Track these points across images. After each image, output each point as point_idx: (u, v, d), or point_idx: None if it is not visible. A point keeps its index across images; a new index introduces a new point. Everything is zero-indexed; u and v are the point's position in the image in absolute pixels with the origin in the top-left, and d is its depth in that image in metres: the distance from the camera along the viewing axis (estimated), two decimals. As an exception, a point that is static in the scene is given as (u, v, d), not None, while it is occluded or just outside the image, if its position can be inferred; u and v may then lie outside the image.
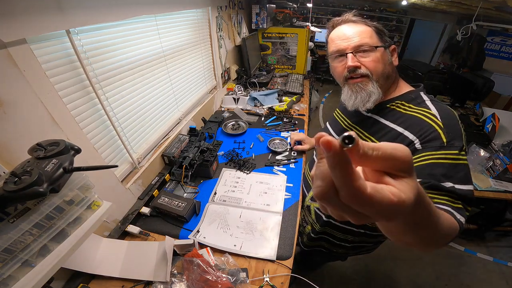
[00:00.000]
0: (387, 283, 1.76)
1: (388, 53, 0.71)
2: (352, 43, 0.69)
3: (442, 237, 0.42)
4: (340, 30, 0.73)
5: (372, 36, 0.70)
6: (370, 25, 0.71)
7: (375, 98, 0.71)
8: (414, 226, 0.31)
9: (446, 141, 0.59)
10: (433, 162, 0.58)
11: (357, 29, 0.70)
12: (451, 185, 0.55)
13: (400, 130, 0.68)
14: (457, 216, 0.52)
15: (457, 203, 0.54)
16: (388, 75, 0.72)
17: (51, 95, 0.64)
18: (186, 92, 1.44)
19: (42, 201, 0.48)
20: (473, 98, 2.58)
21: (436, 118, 0.63)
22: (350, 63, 0.70)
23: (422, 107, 0.68)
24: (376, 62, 0.69)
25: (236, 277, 0.74)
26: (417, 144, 0.63)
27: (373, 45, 0.68)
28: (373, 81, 0.70)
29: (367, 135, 0.78)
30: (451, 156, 0.58)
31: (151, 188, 1.07)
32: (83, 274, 0.75)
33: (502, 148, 1.76)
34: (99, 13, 0.74)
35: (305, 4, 3.18)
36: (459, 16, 4.37)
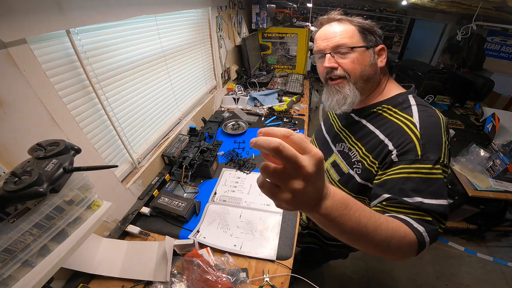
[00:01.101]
0: (387, 282, 1.76)
1: (370, 53, 0.68)
2: (331, 43, 0.69)
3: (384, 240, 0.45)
4: (322, 30, 0.73)
5: (353, 36, 0.68)
6: (355, 24, 0.69)
7: (351, 101, 0.70)
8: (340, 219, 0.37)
9: (420, 155, 0.58)
10: (405, 176, 0.58)
11: (338, 28, 0.69)
12: (419, 200, 0.55)
13: (382, 137, 0.67)
14: (413, 225, 0.51)
15: (425, 216, 0.54)
16: (369, 77, 0.69)
17: (51, 95, 0.64)
18: (186, 92, 1.44)
19: (42, 201, 0.48)
20: (473, 98, 2.58)
21: (415, 127, 0.61)
22: (327, 63, 0.69)
23: (405, 114, 0.66)
24: (353, 63, 0.67)
25: (236, 277, 0.74)
26: (393, 156, 0.61)
27: (351, 45, 0.67)
28: (349, 83, 0.69)
29: (354, 140, 0.76)
30: (423, 170, 0.56)
31: (151, 188, 1.07)
32: (83, 274, 0.75)
33: (502, 148, 1.76)
34: (99, 13, 0.74)
35: (305, 4, 3.18)
36: (459, 16, 4.36)
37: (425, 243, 0.51)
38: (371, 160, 0.68)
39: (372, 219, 0.43)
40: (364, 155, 0.71)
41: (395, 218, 0.52)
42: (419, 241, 0.50)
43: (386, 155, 0.64)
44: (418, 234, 0.50)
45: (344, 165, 0.78)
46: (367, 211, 0.42)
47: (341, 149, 0.81)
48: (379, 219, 0.45)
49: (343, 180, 0.78)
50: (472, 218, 1.95)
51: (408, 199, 0.55)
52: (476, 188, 1.61)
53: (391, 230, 0.46)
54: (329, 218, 0.36)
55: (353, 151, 0.75)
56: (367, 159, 0.69)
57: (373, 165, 0.67)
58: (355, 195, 0.76)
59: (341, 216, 0.37)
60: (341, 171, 0.79)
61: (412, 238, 0.50)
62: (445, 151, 0.59)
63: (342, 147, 0.80)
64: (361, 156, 0.72)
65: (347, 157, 0.77)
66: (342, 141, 0.81)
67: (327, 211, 0.35)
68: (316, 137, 0.98)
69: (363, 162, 0.71)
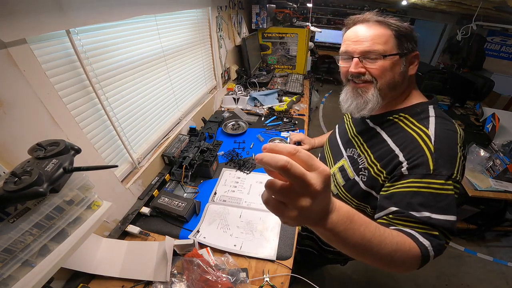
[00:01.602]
0: (387, 282, 1.76)
1: (403, 61, 0.64)
2: (361, 48, 0.64)
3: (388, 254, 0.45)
4: (354, 30, 0.67)
5: (388, 42, 0.63)
6: (392, 28, 0.63)
7: (372, 107, 0.67)
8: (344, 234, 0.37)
9: (432, 169, 0.56)
10: (414, 190, 0.56)
11: (372, 32, 0.64)
12: (427, 215, 0.54)
13: (394, 147, 0.65)
14: (419, 239, 0.51)
15: (432, 230, 0.53)
16: (395, 85, 0.66)
17: (51, 95, 0.64)
18: (186, 92, 1.44)
19: (42, 201, 0.48)
20: (473, 98, 2.58)
21: (430, 140, 0.59)
22: (352, 69, 0.66)
23: (421, 125, 0.63)
24: (383, 70, 0.63)
25: (236, 277, 0.74)
26: (403, 168, 0.60)
27: (384, 53, 0.62)
28: (375, 89, 0.66)
29: (366, 147, 0.74)
30: (434, 185, 0.55)
31: (151, 188, 1.07)
32: (83, 274, 0.75)
33: (502, 148, 1.76)
34: (99, 13, 0.74)
35: (305, 4, 3.19)
36: (459, 16, 4.36)
37: (429, 257, 0.51)
38: (379, 168, 0.67)
39: (377, 233, 0.42)
40: (372, 163, 0.69)
41: (400, 232, 0.51)
42: (423, 255, 0.50)
43: (396, 166, 0.62)
44: (423, 248, 0.50)
45: (351, 171, 0.77)
46: (372, 225, 0.42)
47: (351, 155, 0.80)
48: (384, 233, 0.45)
49: (347, 185, 0.78)
50: (472, 218, 1.95)
51: (416, 213, 0.54)
52: (476, 188, 1.61)
53: (395, 245, 0.46)
54: (334, 232, 0.36)
55: (361, 157, 0.74)
56: (374, 167, 0.68)
57: (380, 174, 0.66)
58: (358, 202, 0.76)
59: (346, 231, 0.37)
60: (347, 177, 0.78)
61: (417, 252, 0.49)
62: (458, 167, 0.57)
63: (352, 152, 0.79)
64: (369, 163, 0.71)
65: (355, 163, 0.76)
66: (354, 147, 0.79)
67: (332, 226, 0.35)
68: (330, 140, 0.98)
69: (370, 169, 0.69)
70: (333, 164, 0.88)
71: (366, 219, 0.41)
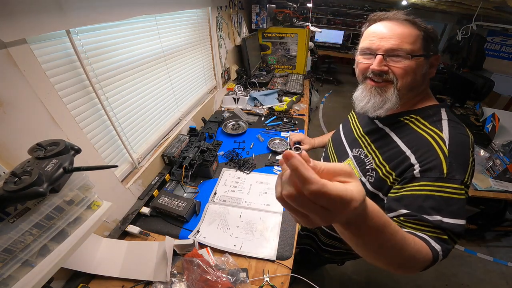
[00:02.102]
0: (387, 282, 1.76)
1: (426, 63, 0.62)
2: (387, 45, 0.61)
3: (407, 260, 0.46)
4: (380, 26, 0.64)
5: (416, 42, 0.60)
6: (421, 29, 0.61)
7: (389, 107, 0.65)
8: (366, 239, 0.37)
9: (446, 173, 0.55)
10: (427, 193, 0.56)
11: (401, 30, 0.61)
12: (439, 219, 0.54)
13: (405, 149, 0.63)
14: (431, 244, 0.51)
15: (441, 234, 0.53)
16: (415, 87, 0.64)
17: (51, 95, 0.64)
18: (186, 92, 1.44)
19: (42, 201, 0.48)
20: (473, 98, 2.58)
21: (444, 143, 0.58)
22: (375, 66, 0.62)
23: (435, 127, 0.62)
24: (407, 71, 0.61)
25: (236, 277, 0.74)
26: (416, 171, 0.59)
27: (412, 53, 0.60)
28: (395, 89, 0.63)
29: (373, 147, 0.73)
30: (447, 189, 0.55)
31: (151, 188, 1.07)
32: (83, 274, 0.75)
33: (502, 148, 1.76)
34: (99, 13, 0.74)
35: (305, 4, 3.18)
36: (459, 16, 4.37)
37: (437, 261, 0.52)
38: (388, 170, 0.66)
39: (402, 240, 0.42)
40: (381, 164, 0.68)
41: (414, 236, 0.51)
42: (434, 259, 0.50)
43: (407, 169, 0.61)
44: (435, 253, 0.51)
45: (357, 171, 0.76)
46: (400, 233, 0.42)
47: (357, 155, 0.79)
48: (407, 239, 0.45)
49: None
50: (472, 218, 1.95)
51: (428, 217, 0.54)
52: (476, 188, 1.61)
53: (415, 251, 0.46)
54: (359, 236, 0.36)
55: (369, 158, 0.73)
56: (383, 169, 0.67)
57: (389, 176, 0.65)
58: None
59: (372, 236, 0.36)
60: None
61: (429, 257, 0.50)
62: (469, 172, 0.57)
63: (358, 152, 0.78)
64: (377, 164, 0.69)
65: (361, 163, 0.75)
66: (360, 147, 0.78)
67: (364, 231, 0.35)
68: (333, 140, 0.97)
69: (378, 171, 0.68)
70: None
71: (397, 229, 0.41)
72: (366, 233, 0.35)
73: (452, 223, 0.53)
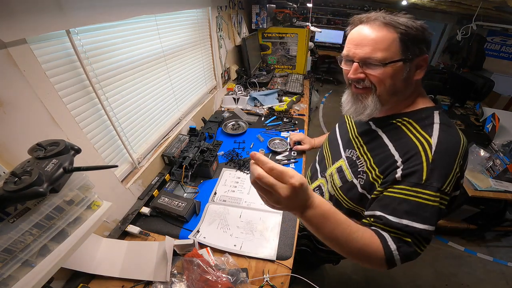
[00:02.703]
0: (387, 282, 1.76)
1: (406, 67, 0.60)
2: (361, 53, 0.61)
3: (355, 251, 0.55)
4: (357, 32, 0.63)
5: (390, 48, 0.58)
6: (399, 30, 0.58)
7: (369, 113, 0.66)
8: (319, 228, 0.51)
9: (424, 179, 0.56)
10: (403, 197, 0.58)
11: (375, 35, 0.59)
12: (405, 223, 0.56)
13: (394, 152, 0.64)
14: (388, 242, 0.56)
15: (405, 237, 0.56)
16: (397, 91, 0.64)
17: (51, 95, 0.64)
18: (186, 92, 1.44)
19: (42, 201, 0.48)
20: (473, 98, 2.58)
21: (430, 149, 0.58)
22: (351, 74, 0.64)
23: (425, 132, 0.61)
24: (383, 77, 0.60)
25: (236, 277, 0.74)
26: (398, 174, 0.60)
27: (384, 61, 0.58)
28: (374, 95, 0.64)
29: (366, 150, 0.73)
30: (422, 195, 0.56)
31: (151, 188, 1.07)
32: (83, 274, 0.75)
33: (502, 148, 1.76)
34: (99, 13, 0.74)
35: (305, 4, 3.18)
36: (459, 16, 4.36)
37: (394, 259, 0.55)
38: (377, 174, 0.66)
39: (345, 233, 0.53)
40: (371, 167, 0.69)
41: (375, 233, 0.58)
42: (387, 257, 0.55)
43: (392, 171, 0.62)
44: (388, 251, 0.55)
45: (349, 173, 0.76)
46: (342, 226, 0.53)
47: (349, 156, 0.79)
48: (353, 234, 0.54)
49: (345, 187, 0.77)
50: (472, 218, 1.96)
51: (394, 219, 0.57)
52: (476, 188, 1.61)
53: (361, 245, 0.54)
54: (308, 223, 0.50)
55: (361, 160, 0.73)
56: (373, 172, 0.68)
57: (378, 179, 0.66)
58: (354, 205, 0.76)
59: (318, 224, 0.51)
60: (344, 178, 0.77)
61: (380, 252, 0.55)
62: (451, 180, 0.56)
63: (351, 153, 0.79)
64: (368, 167, 0.70)
65: (353, 165, 0.75)
66: (353, 148, 0.79)
67: (308, 218, 0.49)
68: (329, 139, 0.97)
69: (368, 174, 0.69)
70: (332, 164, 0.87)
71: (340, 220, 0.52)
72: (317, 222, 0.50)
73: (420, 228, 0.56)
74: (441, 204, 0.56)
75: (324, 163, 0.93)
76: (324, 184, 0.89)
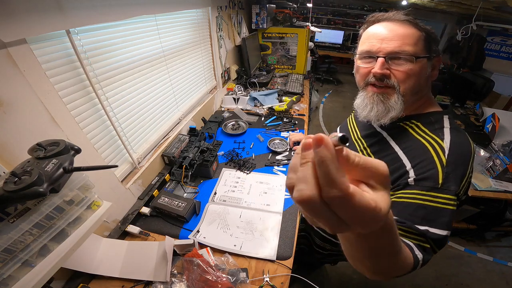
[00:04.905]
0: (387, 283, 1.76)
1: (429, 66, 0.60)
2: (389, 47, 0.58)
3: (397, 269, 0.43)
4: (380, 27, 0.60)
5: (418, 44, 0.57)
6: (422, 29, 0.58)
7: (394, 115, 0.61)
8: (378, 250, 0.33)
9: (441, 183, 0.53)
10: (418, 203, 0.55)
11: (402, 31, 0.58)
12: (426, 228, 0.53)
13: (401, 155, 0.61)
14: (415, 252, 0.51)
15: (425, 243, 0.53)
16: (419, 91, 0.62)
17: (51, 95, 0.64)
18: (186, 92, 1.44)
19: (42, 201, 0.48)
20: (473, 98, 2.59)
21: (443, 153, 0.56)
22: (378, 69, 0.59)
23: (435, 135, 0.59)
24: (410, 75, 0.58)
25: (236, 277, 0.74)
26: (410, 179, 0.57)
27: (415, 55, 0.56)
28: (398, 94, 0.60)
29: (369, 152, 0.72)
30: (439, 200, 0.53)
31: (151, 188, 1.07)
32: (83, 274, 0.75)
33: (502, 148, 1.76)
34: (99, 13, 0.74)
35: (305, 4, 3.19)
36: (459, 16, 4.37)
37: (415, 269, 0.50)
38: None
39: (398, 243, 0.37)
40: None
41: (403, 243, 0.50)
42: (414, 267, 0.49)
43: (401, 176, 0.59)
44: (416, 261, 0.50)
45: None
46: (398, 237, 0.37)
47: None
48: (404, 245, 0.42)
49: None
50: (472, 218, 1.95)
51: (418, 226, 0.53)
52: (476, 188, 1.61)
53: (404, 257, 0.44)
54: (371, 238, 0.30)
55: None
56: None
57: None
58: None
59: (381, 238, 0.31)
60: None
61: (411, 264, 0.48)
62: (464, 184, 0.55)
63: None
64: None
65: None
66: (356, 150, 0.76)
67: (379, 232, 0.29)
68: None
69: None
70: None
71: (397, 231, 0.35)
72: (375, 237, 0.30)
73: (439, 233, 0.53)
74: (455, 207, 0.54)
75: None
76: None
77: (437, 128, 0.61)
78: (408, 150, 0.62)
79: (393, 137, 0.67)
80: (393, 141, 0.67)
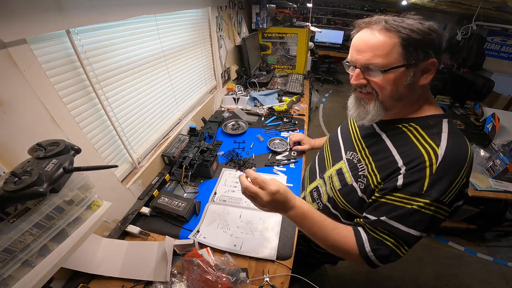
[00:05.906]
0: (387, 283, 1.76)
1: (410, 72, 0.58)
2: (362, 59, 0.60)
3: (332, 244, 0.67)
4: (358, 38, 0.63)
5: (390, 54, 0.56)
6: (401, 35, 0.55)
7: (371, 118, 0.66)
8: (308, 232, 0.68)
9: (425, 190, 0.56)
10: (399, 204, 0.59)
11: (375, 41, 0.58)
12: (393, 223, 0.59)
13: (397, 158, 0.63)
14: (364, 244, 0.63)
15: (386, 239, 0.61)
16: (401, 97, 0.62)
17: (51, 95, 0.64)
18: (186, 92, 1.44)
19: (42, 201, 0.48)
20: (473, 98, 2.59)
21: (436, 160, 0.56)
22: (353, 80, 0.64)
23: (432, 141, 0.60)
24: (384, 84, 0.60)
25: (236, 277, 0.74)
26: (399, 182, 0.60)
27: (384, 68, 0.57)
28: (376, 101, 0.64)
29: (367, 153, 0.73)
30: (417, 203, 0.57)
31: (151, 188, 1.07)
32: (83, 274, 0.75)
33: (502, 148, 1.76)
34: (99, 13, 0.74)
35: (305, 4, 3.19)
36: (459, 16, 4.37)
37: (370, 260, 0.62)
38: (378, 180, 0.65)
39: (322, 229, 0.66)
40: (372, 172, 0.68)
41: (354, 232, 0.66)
42: (362, 256, 0.63)
43: (394, 178, 0.62)
44: (362, 251, 0.62)
45: (349, 176, 0.75)
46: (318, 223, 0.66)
47: (350, 158, 0.78)
48: (329, 231, 0.66)
49: (343, 190, 0.76)
50: (472, 218, 1.96)
51: (385, 220, 0.61)
52: (476, 188, 1.61)
53: (336, 241, 0.65)
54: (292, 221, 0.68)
55: (362, 164, 0.72)
56: (374, 178, 0.67)
57: (378, 186, 0.65)
58: (352, 209, 0.75)
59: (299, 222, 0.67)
60: (344, 181, 0.76)
61: (355, 252, 0.63)
62: (452, 190, 0.56)
63: (352, 156, 0.78)
64: (369, 172, 0.69)
65: (354, 168, 0.75)
66: (355, 150, 0.78)
67: (291, 217, 0.66)
68: (330, 140, 0.97)
69: (369, 178, 0.68)
70: (332, 165, 0.86)
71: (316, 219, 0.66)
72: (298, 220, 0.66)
73: (408, 232, 0.58)
74: (436, 213, 0.57)
75: (324, 164, 0.93)
76: (322, 186, 0.89)
77: (435, 132, 0.61)
78: (404, 153, 0.63)
79: (391, 138, 0.68)
80: (391, 143, 0.67)
